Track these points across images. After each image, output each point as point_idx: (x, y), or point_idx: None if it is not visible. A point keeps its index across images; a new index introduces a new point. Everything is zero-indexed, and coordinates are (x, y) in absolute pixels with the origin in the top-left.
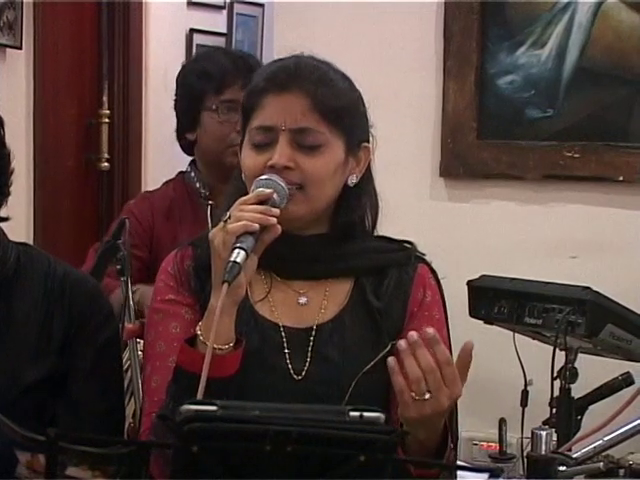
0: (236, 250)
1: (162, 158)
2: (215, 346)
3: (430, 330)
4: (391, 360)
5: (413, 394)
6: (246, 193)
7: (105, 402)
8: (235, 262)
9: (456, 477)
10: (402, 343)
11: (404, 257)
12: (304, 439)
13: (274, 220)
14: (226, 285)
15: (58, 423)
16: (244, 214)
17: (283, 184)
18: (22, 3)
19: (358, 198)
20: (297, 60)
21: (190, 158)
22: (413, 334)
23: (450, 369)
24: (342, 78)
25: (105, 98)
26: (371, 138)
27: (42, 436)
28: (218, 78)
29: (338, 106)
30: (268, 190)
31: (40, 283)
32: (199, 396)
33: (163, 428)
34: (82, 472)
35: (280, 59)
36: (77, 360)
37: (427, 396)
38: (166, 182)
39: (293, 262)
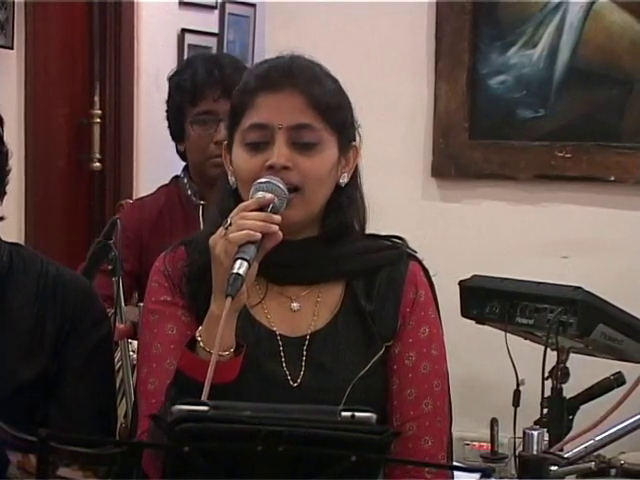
0: (238, 261)
1: (154, 158)
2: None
3: None
4: None
5: None
6: (235, 195)
7: (97, 402)
8: (238, 274)
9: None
10: None
11: (395, 255)
12: (295, 439)
13: (276, 227)
14: (229, 299)
15: (50, 423)
16: (246, 222)
17: (283, 187)
18: (13, 3)
19: (348, 198)
20: (289, 59)
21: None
22: None
23: None
24: (331, 78)
25: (97, 98)
26: (358, 138)
27: (33, 436)
28: (191, 90)
29: (332, 103)
30: (269, 195)
31: (33, 283)
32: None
33: (159, 430)
34: (73, 472)
35: (270, 59)
36: (69, 360)
37: None
38: (160, 187)
39: (285, 268)
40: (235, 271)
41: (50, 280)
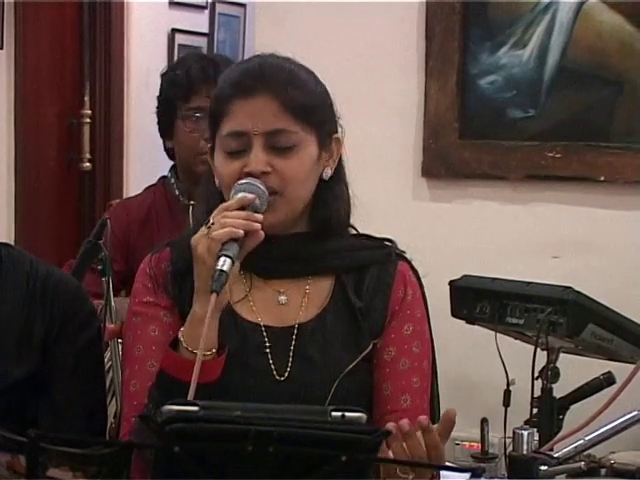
0: (222, 258)
1: (144, 158)
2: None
3: (423, 419)
4: (392, 427)
5: (398, 471)
6: (221, 196)
7: (87, 402)
8: (222, 271)
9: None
10: (392, 428)
11: (384, 255)
12: (286, 439)
13: (258, 226)
14: (214, 295)
15: (40, 423)
16: (228, 220)
17: (263, 187)
18: (3, 3)
19: (332, 192)
20: (261, 61)
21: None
22: (405, 424)
23: (437, 452)
24: (306, 73)
25: (87, 98)
26: (340, 129)
27: (23, 437)
28: (185, 86)
29: (307, 103)
30: (250, 195)
31: (22, 283)
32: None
33: (144, 430)
34: (63, 473)
35: (243, 62)
36: (59, 360)
37: (411, 476)
38: (147, 187)
39: (273, 261)
40: (219, 267)
41: (39, 280)
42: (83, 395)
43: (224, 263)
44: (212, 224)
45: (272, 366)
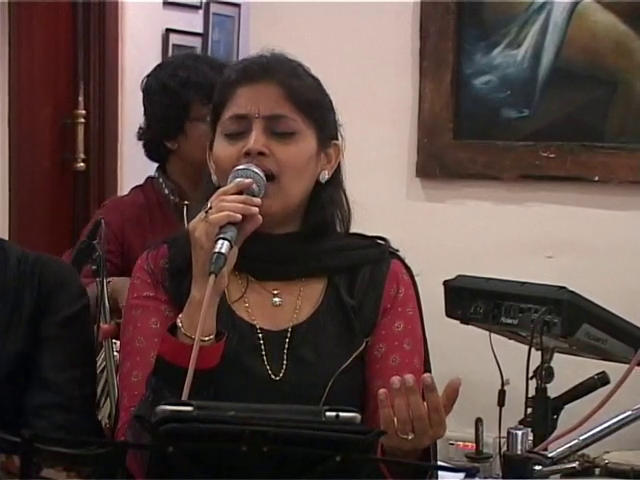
0: (220, 241)
1: (138, 158)
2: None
3: (427, 376)
4: (382, 393)
5: (397, 431)
6: None
7: (74, 371)
8: (220, 253)
9: (437, 477)
10: (396, 382)
11: (377, 253)
12: (280, 439)
13: (256, 210)
14: (213, 276)
15: (28, 403)
16: (226, 204)
17: (261, 173)
18: None
19: (329, 196)
20: (268, 54)
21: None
22: (409, 379)
23: (438, 415)
24: (312, 77)
25: (81, 98)
26: (340, 138)
27: (17, 437)
28: (207, 88)
29: (310, 98)
30: (248, 180)
31: (13, 266)
32: (185, 389)
33: (140, 425)
34: (57, 473)
35: (251, 55)
36: (45, 329)
37: (410, 437)
38: (134, 188)
39: (267, 263)
40: (217, 250)
41: (30, 263)
42: (71, 362)
43: (222, 246)
44: (210, 208)
45: (267, 367)
